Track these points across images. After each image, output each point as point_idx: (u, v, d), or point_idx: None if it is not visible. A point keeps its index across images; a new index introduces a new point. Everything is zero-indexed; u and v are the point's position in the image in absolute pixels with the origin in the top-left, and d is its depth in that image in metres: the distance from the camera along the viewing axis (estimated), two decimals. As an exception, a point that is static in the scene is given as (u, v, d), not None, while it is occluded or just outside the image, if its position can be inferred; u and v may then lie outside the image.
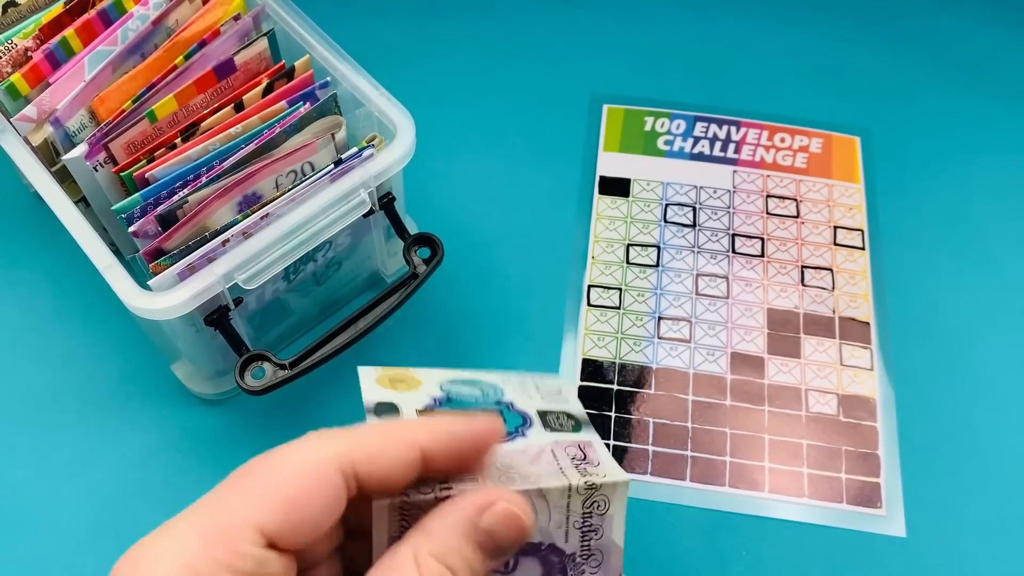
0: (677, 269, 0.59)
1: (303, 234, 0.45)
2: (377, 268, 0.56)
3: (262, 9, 0.51)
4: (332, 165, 0.47)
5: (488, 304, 0.57)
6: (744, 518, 0.50)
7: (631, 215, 0.61)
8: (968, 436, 0.53)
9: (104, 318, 0.55)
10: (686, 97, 0.67)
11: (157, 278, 0.43)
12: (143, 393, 0.53)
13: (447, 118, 0.65)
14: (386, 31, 0.69)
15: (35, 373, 0.53)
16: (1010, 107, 0.68)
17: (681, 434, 0.52)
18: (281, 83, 0.50)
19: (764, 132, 0.65)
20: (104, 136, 0.47)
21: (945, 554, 0.49)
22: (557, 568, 0.29)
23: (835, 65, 0.69)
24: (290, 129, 0.47)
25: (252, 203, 0.47)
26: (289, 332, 0.54)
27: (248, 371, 0.46)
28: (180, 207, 0.46)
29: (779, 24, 0.72)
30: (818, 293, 0.58)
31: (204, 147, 0.47)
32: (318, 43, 0.51)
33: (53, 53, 0.49)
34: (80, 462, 0.50)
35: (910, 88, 0.68)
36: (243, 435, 0.52)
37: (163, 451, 0.51)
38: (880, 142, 0.65)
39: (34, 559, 0.48)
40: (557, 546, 0.29)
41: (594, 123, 0.65)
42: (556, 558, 0.29)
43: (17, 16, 0.50)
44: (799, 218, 0.61)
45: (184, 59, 0.49)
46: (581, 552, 0.29)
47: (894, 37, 0.71)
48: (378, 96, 0.49)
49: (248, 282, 0.44)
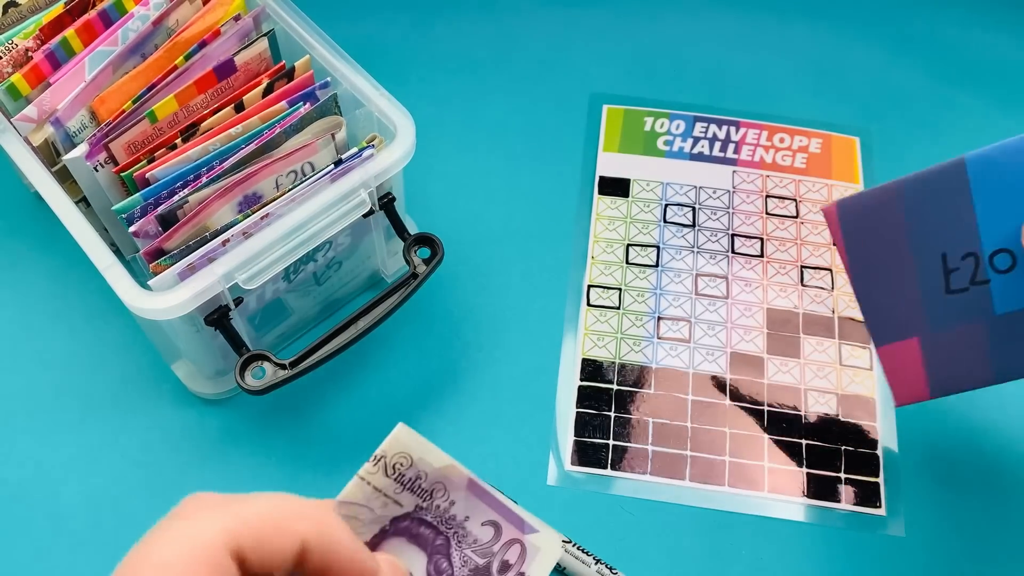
0: (677, 269, 0.59)
1: (303, 234, 0.45)
2: (377, 268, 0.56)
3: (262, 9, 0.52)
4: (332, 165, 0.47)
5: (488, 304, 0.57)
6: (744, 518, 0.50)
7: (631, 215, 0.61)
8: (968, 436, 0.53)
9: (104, 318, 0.55)
10: (686, 97, 0.67)
11: (157, 278, 0.43)
12: (143, 393, 0.53)
13: (447, 118, 0.65)
14: (386, 31, 0.70)
15: (35, 373, 0.53)
16: (1010, 107, 0.68)
17: (681, 434, 0.52)
18: (281, 83, 0.50)
19: (764, 132, 0.65)
20: (104, 136, 0.47)
21: (945, 554, 0.49)
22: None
23: (835, 65, 0.69)
24: (290, 129, 0.47)
25: (252, 203, 0.47)
26: (289, 332, 0.54)
27: (248, 371, 0.46)
28: (180, 207, 0.46)
29: (779, 24, 0.72)
30: (817, 293, 0.58)
31: (204, 147, 0.47)
32: (318, 43, 0.51)
33: (54, 53, 0.49)
34: (80, 462, 0.50)
35: (910, 88, 0.68)
36: (243, 435, 0.52)
37: (163, 451, 0.51)
38: (880, 142, 0.65)
39: (34, 559, 0.48)
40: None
41: (594, 123, 0.65)
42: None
43: (18, 16, 0.50)
44: (799, 218, 0.61)
45: (184, 59, 0.49)
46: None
47: (894, 37, 0.71)
48: (378, 96, 0.49)
49: (248, 282, 0.45)
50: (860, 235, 0.39)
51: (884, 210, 0.39)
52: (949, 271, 0.38)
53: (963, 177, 0.37)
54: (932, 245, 0.38)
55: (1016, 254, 0.36)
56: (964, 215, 0.37)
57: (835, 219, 0.40)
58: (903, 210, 0.38)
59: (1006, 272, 0.37)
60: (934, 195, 0.38)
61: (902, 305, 0.40)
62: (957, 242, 0.38)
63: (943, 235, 0.38)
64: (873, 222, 0.39)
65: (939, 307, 0.38)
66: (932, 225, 0.38)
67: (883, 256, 0.39)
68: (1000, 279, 0.37)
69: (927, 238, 0.38)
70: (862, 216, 0.39)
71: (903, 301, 0.40)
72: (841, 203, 0.40)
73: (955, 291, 0.38)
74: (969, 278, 0.37)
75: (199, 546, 0.25)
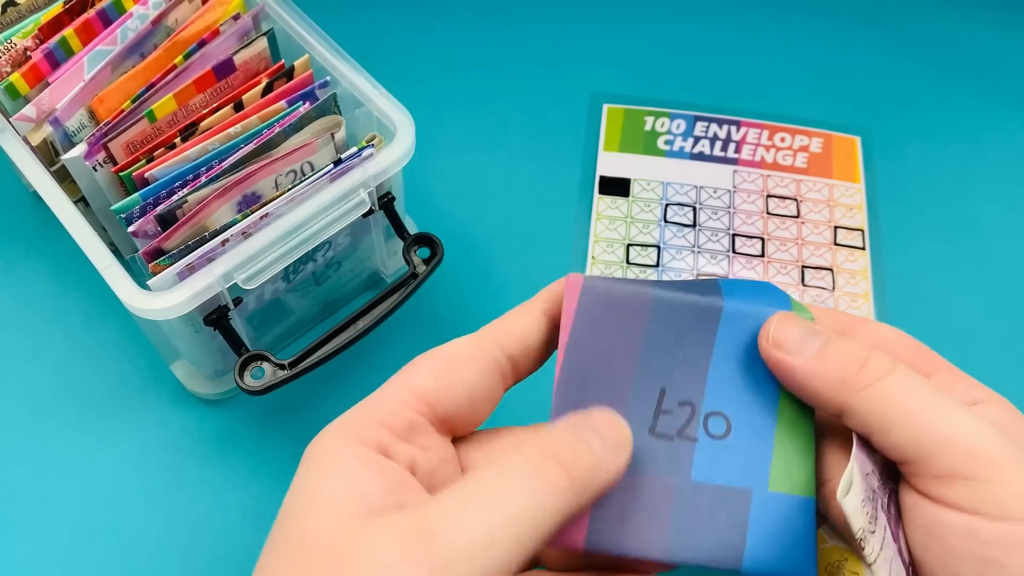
0: (677, 269, 0.58)
1: (303, 234, 0.45)
2: (377, 268, 0.56)
3: (261, 8, 0.51)
4: (332, 165, 0.47)
5: (488, 304, 0.57)
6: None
7: (631, 215, 0.61)
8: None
9: (103, 318, 0.55)
10: (686, 97, 0.67)
11: (156, 278, 0.43)
12: (142, 393, 0.53)
13: (447, 118, 0.65)
14: (386, 31, 0.69)
15: (34, 373, 0.53)
16: (1010, 107, 0.67)
17: (681, 434, 0.52)
18: (281, 83, 0.50)
19: (764, 132, 0.65)
20: (103, 136, 0.47)
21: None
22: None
23: (835, 65, 0.69)
24: (289, 129, 0.47)
25: (252, 203, 0.47)
26: (289, 332, 0.54)
27: (248, 371, 0.46)
28: (179, 207, 0.45)
29: (779, 24, 0.72)
30: (818, 293, 0.58)
31: (203, 147, 0.47)
32: (318, 43, 0.51)
33: (52, 53, 0.49)
34: (79, 462, 0.50)
35: (910, 88, 0.68)
36: (243, 435, 0.52)
37: (162, 451, 0.51)
38: (880, 142, 0.65)
39: (34, 559, 0.47)
40: None
41: (594, 123, 0.65)
42: None
43: (16, 16, 0.50)
44: (799, 218, 0.61)
45: (183, 59, 0.49)
46: None
47: (894, 37, 0.71)
48: (378, 96, 0.49)
49: (248, 282, 0.44)
50: (593, 324, 0.32)
51: (628, 313, 0.32)
52: (662, 411, 0.32)
53: (714, 320, 0.32)
54: (656, 374, 0.32)
55: (732, 423, 0.31)
56: (699, 360, 0.32)
57: (575, 292, 0.32)
58: (644, 323, 0.32)
59: (716, 438, 0.31)
60: (678, 324, 0.32)
61: None
62: (680, 384, 0.32)
63: (670, 369, 0.32)
64: (612, 319, 0.32)
65: (638, 445, 0.31)
66: (664, 353, 0.32)
67: (606, 359, 0.32)
68: (708, 444, 0.31)
69: (654, 364, 0.32)
70: (604, 306, 0.32)
71: None
72: (589, 281, 0.32)
73: (660, 435, 0.31)
74: (678, 428, 0.31)
75: (461, 341, 0.32)
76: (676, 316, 0.32)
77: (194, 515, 0.49)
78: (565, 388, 0.31)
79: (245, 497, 0.49)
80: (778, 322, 0.31)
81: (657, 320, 0.32)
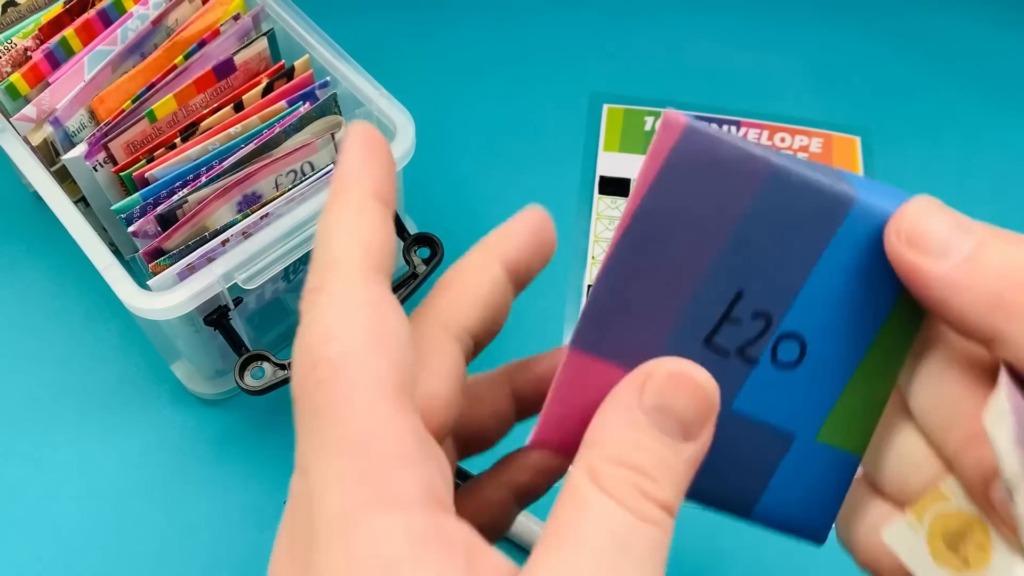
0: (677, 269, 0.58)
1: (302, 234, 0.45)
2: (377, 268, 0.56)
3: (262, 9, 0.51)
4: (332, 165, 0.47)
5: (488, 304, 0.57)
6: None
7: (631, 215, 0.61)
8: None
9: (104, 318, 0.55)
10: (686, 97, 0.67)
11: (157, 278, 0.43)
12: (143, 393, 0.53)
13: (447, 118, 0.65)
14: (386, 31, 0.69)
15: (34, 373, 0.53)
16: (1010, 107, 0.67)
17: (681, 434, 0.52)
18: (281, 83, 0.50)
19: (764, 132, 0.65)
20: (104, 136, 0.47)
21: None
22: None
23: (835, 65, 0.69)
24: (290, 129, 0.47)
25: (252, 203, 0.47)
26: (289, 332, 0.54)
27: (248, 371, 0.46)
28: (180, 207, 0.45)
29: (779, 24, 0.72)
30: (818, 293, 0.57)
31: (204, 147, 0.47)
32: (318, 43, 0.51)
33: (53, 53, 0.49)
34: (79, 462, 0.50)
35: (910, 88, 0.68)
36: (243, 435, 0.52)
37: (163, 451, 0.51)
38: (880, 142, 0.65)
39: (34, 559, 0.48)
40: None
41: (594, 123, 0.65)
42: None
43: (17, 16, 0.50)
44: (799, 218, 0.61)
45: (184, 59, 0.49)
46: None
47: (894, 37, 0.71)
48: (378, 96, 0.49)
49: (248, 282, 0.44)
50: (680, 186, 0.24)
51: (732, 181, 0.24)
52: (729, 318, 0.25)
53: (838, 214, 0.24)
54: (739, 271, 0.24)
55: (807, 353, 0.25)
56: (800, 263, 0.25)
57: (670, 138, 0.24)
58: (749, 200, 0.24)
59: (780, 367, 0.25)
60: (792, 210, 0.24)
61: (647, 314, 0.25)
62: (764, 290, 0.25)
63: (760, 268, 0.24)
64: (708, 184, 0.24)
65: (684, 351, 0.24)
66: (759, 244, 0.24)
67: (683, 237, 0.24)
68: (767, 372, 0.25)
69: (741, 256, 0.24)
70: (703, 165, 0.24)
71: (653, 310, 0.25)
72: (693, 128, 0.24)
73: (715, 347, 0.25)
74: (740, 344, 0.25)
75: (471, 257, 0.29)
76: (793, 200, 0.24)
77: (194, 515, 0.49)
78: (620, 267, 0.24)
79: (245, 497, 0.49)
80: (917, 210, 0.23)
81: (766, 199, 0.24)
